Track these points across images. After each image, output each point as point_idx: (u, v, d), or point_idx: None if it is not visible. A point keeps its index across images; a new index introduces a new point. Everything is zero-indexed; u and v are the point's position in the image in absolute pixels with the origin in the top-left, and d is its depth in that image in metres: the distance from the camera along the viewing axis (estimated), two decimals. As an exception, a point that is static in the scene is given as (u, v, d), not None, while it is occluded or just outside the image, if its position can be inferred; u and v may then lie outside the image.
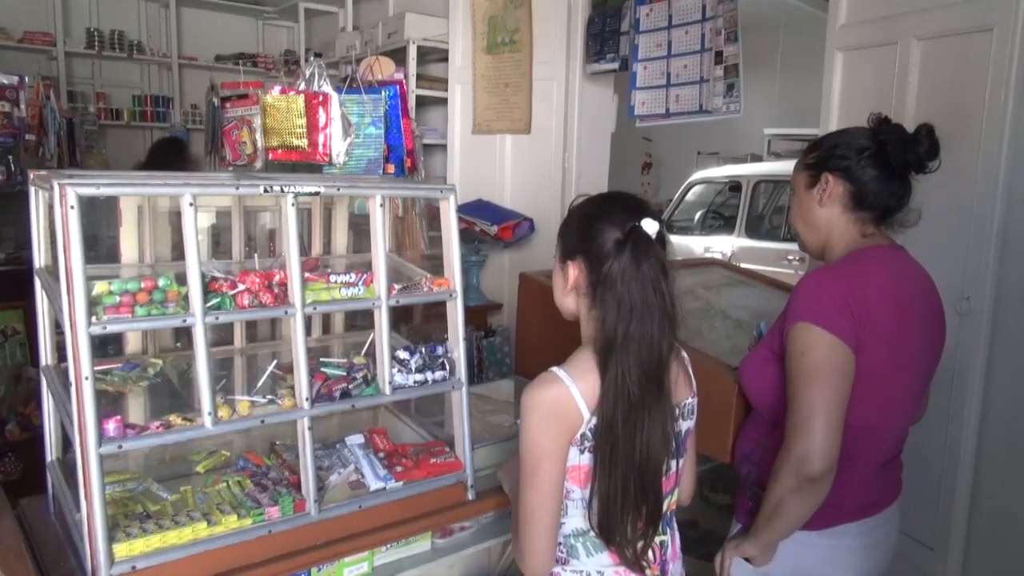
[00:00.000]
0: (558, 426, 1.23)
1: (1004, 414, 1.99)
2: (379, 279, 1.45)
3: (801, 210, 1.58)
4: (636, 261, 1.20)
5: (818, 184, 1.52)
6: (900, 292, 1.46)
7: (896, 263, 1.50)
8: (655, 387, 1.23)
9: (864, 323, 1.40)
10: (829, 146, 1.53)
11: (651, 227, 1.22)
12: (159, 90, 6.70)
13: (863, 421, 1.46)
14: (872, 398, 1.45)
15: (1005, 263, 1.96)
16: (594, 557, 1.32)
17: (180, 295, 1.26)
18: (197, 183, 1.30)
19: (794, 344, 1.42)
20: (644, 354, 1.21)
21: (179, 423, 1.28)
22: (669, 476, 1.35)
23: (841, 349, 1.39)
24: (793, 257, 5.48)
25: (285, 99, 3.05)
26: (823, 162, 1.53)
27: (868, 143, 1.49)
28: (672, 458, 1.33)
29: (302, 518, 1.37)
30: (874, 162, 1.48)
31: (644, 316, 1.21)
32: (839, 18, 2.42)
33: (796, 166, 1.60)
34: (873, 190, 1.49)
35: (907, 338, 1.46)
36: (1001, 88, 1.92)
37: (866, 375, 1.42)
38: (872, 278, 1.44)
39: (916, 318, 1.48)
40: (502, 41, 3.68)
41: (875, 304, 1.41)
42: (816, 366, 1.39)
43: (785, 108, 7.85)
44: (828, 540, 1.49)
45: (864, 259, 1.48)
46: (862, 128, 1.54)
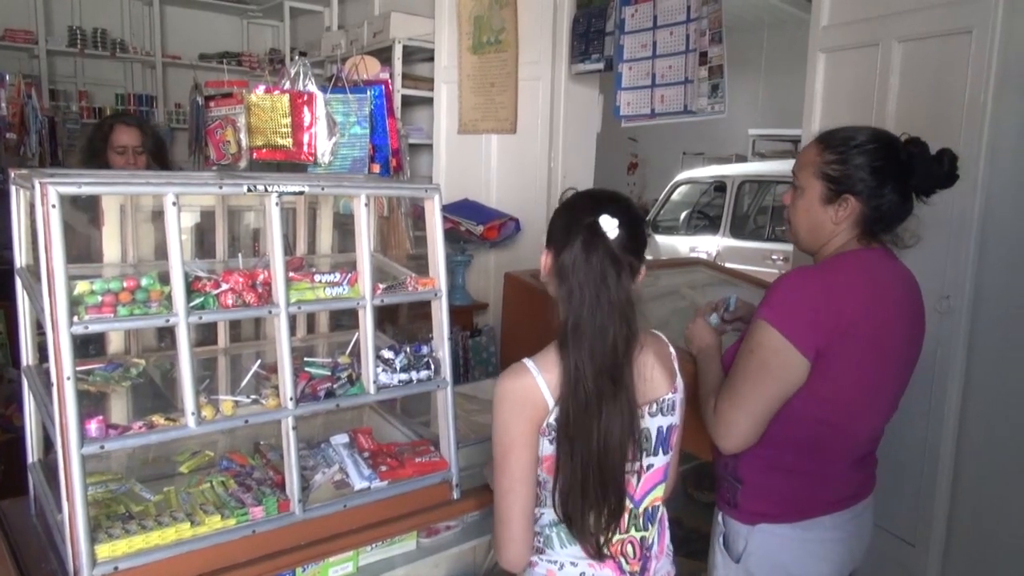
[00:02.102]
0: (526, 415, 1.27)
1: (983, 411, 2.02)
2: (364, 278, 1.45)
3: (809, 217, 1.54)
4: (586, 253, 1.23)
5: (837, 202, 1.48)
6: (881, 297, 1.47)
7: (881, 267, 1.50)
8: (610, 381, 1.24)
9: (838, 330, 1.41)
10: (857, 167, 1.46)
11: (608, 223, 1.24)
12: (142, 89, 6.65)
13: (838, 420, 1.48)
14: (847, 399, 1.47)
15: (984, 263, 1.98)
16: (567, 548, 1.34)
17: (163, 295, 1.26)
18: (180, 182, 1.30)
19: (750, 336, 1.47)
20: (597, 347, 1.23)
21: (162, 423, 1.27)
22: (651, 472, 1.36)
23: (790, 356, 1.41)
24: (777, 257, 5.52)
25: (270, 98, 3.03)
26: (848, 182, 1.47)
27: (893, 168, 1.45)
28: (650, 454, 1.35)
29: (286, 518, 1.37)
30: (895, 187, 1.45)
31: (595, 309, 1.23)
32: (821, 20, 2.44)
33: (810, 165, 1.52)
34: (888, 214, 1.48)
35: (886, 341, 1.48)
36: (980, 89, 1.94)
37: (842, 376, 1.44)
38: (853, 285, 1.45)
39: (896, 321, 1.50)
40: (488, 41, 3.69)
41: (853, 311, 1.42)
42: (761, 365, 1.43)
43: (769, 109, 7.90)
44: (802, 533, 1.51)
45: (849, 264, 1.48)
46: (885, 139, 1.48)
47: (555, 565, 1.35)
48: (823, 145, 1.52)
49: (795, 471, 1.50)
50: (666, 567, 1.45)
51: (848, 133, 1.51)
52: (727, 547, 1.59)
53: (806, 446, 1.49)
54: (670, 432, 1.39)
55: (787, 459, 1.50)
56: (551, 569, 1.35)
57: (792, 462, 1.49)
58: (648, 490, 1.37)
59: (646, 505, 1.37)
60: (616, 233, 1.24)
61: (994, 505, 2.01)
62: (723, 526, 1.61)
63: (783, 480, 1.51)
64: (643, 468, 1.35)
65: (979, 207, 1.96)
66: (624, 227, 1.25)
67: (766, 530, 1.53)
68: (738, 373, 1.47)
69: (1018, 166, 1.93)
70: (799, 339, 1.40)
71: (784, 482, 1.51)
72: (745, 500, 1.55)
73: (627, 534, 1.36)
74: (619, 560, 1.35)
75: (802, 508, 1.52)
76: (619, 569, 1.35)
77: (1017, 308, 1.94)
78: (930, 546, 2.11)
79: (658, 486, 1.39)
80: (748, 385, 1.45)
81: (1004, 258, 1.95)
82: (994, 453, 2.00)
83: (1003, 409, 1.98)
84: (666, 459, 1.38)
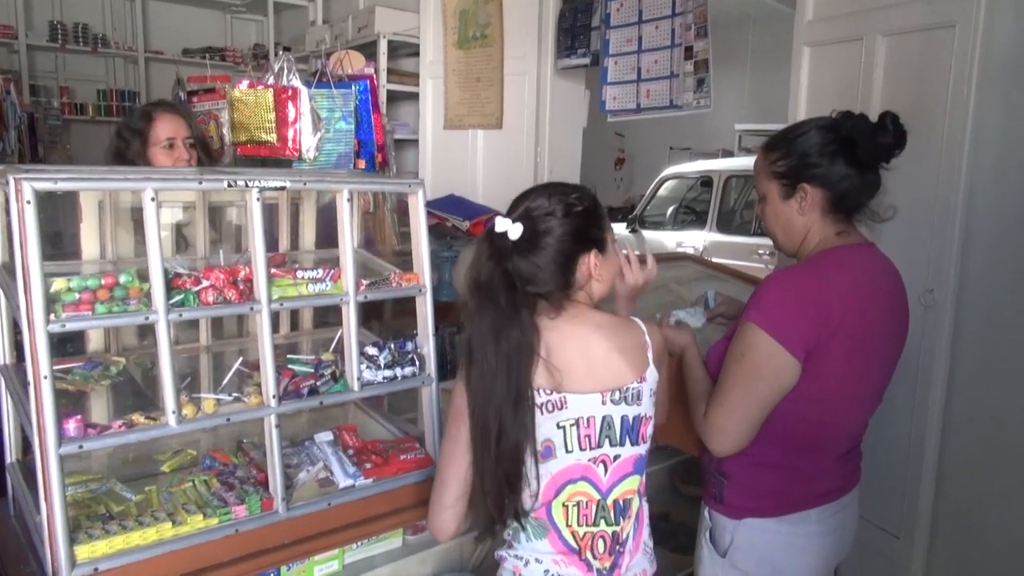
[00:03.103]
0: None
1: (967, 404, 2.03)
2: (347, 275, 1.44)
3: (778, 219, 1.56)
4: (480, 243, 1.29)
5: (795, 195, 1.50)
6: (866, 294, 1.48)
7: (864, 263, 1.51)
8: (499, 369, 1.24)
9: (827, 330, 1.41)
10: (801, 154, 1.49)
11: (500, 224, 1.27)
12: (125, 84, 6.60)
13: (823, 418, 1.49)
14: (834, 397, 1.48)
15: (968, 256, 1.99)
16: (532, 543, 1.34)
17: (142, 292, 1.24)
18: (159, 177, 1.28)
19: (739, 340, 1.46)
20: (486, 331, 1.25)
21: (142, 422, 1.26)
22: (618, 463, 1.34)
23: (782, 358, 1.41)
24: (764, 251, 5.54)
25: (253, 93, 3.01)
26: (797, 172, 1.49)
27: (836, 144, 1.47)
28: (616, 444, 1.33)
29: (270, 517, 1.36)
30: (846, 162, 1.46)
31: (483, 298, 1.26)
32: (806, 14, 2.44)
33: (762, 171, 1.56)
34: (851, 190, 1.48)
35: (872, 338, 1.48)
36: (963, 83, 1.95)
37: (828, 376, 1.44)
38: (838, 283, 1.45)
39: (882, 317, 1.50)
40: (473, 36, 3.67)
41: (840, 311, 1.42)
42: (753, 369, 1.43)
43: (755, 104, 7.92)
44: (787, 527, 1.52)
45: (833, 262, 1.48)
46: (822, 123, 1.51)
47: (521, 561, 1.34)
48: (766, 149, 1.56)
49: (780, 467, 1.51)
50: (642, 564, 1.41)
51: (785, 130, 1.56)
52: (713, 541, 1.59)
53: (791, 443, 1.49)
54: (639, 423, 1.35)
55: (773, 455, 1.50)
56: (517, 565, 1.34)
57: (777, 458, 1.50)
58: (616, 481, 1.34)
59: (615, 497, 1.35)
60: (519, 232, 1.26)
61: (978, 497, 2.02)
62: (709, 521, 1.61)
63: (769, 475, 1.51)
64: (609, 458, 1.33)
65: (962, 200, 1.97)
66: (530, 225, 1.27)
67: (752, 524, 1.53)
68: (729, 378, 1.46)
69: (1001, 159, 1.93)
70: (789, 341, 1.40)
71: (770, 477, 1.52)
72: (731, 495, 1.55)
73: (596, 527, 1.33)
74: (586, 556, 1.33)
75: (788, 502, 1.52)
76: (587, 566, 1.33)
77: (1000, 301, 1.95)
78: (915, 538, 2.12)
79: (628, 478, 1.36)
80: (740, 390, 1.44)
81: (987, 251, 1.96)
82: (978, 446, 2.02)
83: (987, 401, 1.99)
84: (637, 450, 1.36)
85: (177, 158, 2.23)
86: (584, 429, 1.31)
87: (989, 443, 1.99)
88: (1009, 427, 1.94)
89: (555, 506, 1.33)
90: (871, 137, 1.45)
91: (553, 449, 1.31)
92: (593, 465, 1.32)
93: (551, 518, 1.33)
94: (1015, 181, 1.91)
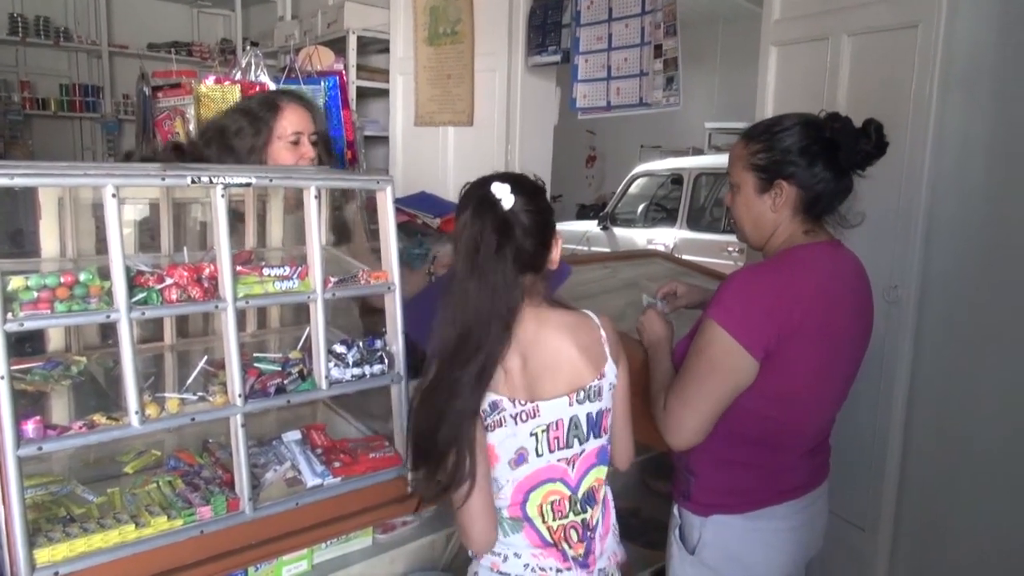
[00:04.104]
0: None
1: (930, 398, 2.07)
2: (314, 272, 1.42)
3: (749, 211, 1.55)
4: (473, 217, 1.28)
5: (771, 190, 1.50)
6: (832, 292, 1.48)
7: (830, 261, 1.51)
8: (472, 345, 1.26)
9: (789, 329, 1.42)
10: (783, 151, 1.48)
11: (499, 190, 1.27)
12: (88, 79, 6.47)
13: (790, 415, 1.50)
14: (800, 395, 1.49)
15: (931, 253, 2.03)
16: (510, 537, 1.36)
17: (103, 290, 1.22)
18: (120, 173, 1.25)
19: (699, 336, 1.47)
20: (460, 307, 1.26)
21: (104, 423, 1.23)
22: (583, 456, 1.37)
23: (740, 357, 1.42)
24: (733, 248, 5.59)
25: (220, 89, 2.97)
26: (777, 167, 1.48)
27: (819, 145, 1.46)
28: (583, 441, 1.36)
29: (236, 517, 1.34)
30: (825, 165, 1.46)
31: (468, 271, 1.26)
32: (773, 13, 2.47)
33: (740, 160, 1.54)
34: (825, 193, 1.49)
35: (837, 336, 1.49)
36: (926, 83, 1.98)
37: (794, 374, 1.45)
38: (803, 283, 1.46)
39: (847, 315, 1.52)
40: (444, 32, 3.66)
41: (802, 310, 1.43)
42: (710, 366, 1.44)
43: (725, 102, 8.00)
44: (754, 523, 1.53)
45: (798, 261, 1.49)
46: (807, 120, 1.50)
47: (499, 557, 1.36)
48: (747, 139, 1.54)
49: (748, 464, 1.52)
50: (612, 546, 1.46)
51: (769, 122, 1.55)
52: (682, 539, 1.60)
53: (757, 441, 1.50)
54: (601, 416, 1.39)
55: (739, 453, 1.51)
56: (495, 561, 1.37)
57: (744, 456, 1.51)
58: (584, 474, 1.38)
59: (584, 489, 1.38)
60: (511, 202, 1.26)
61: (941, 490, 2.06)
62: (679, 518, 1.62)
63: (736, 472, 1.52)
64: (577, 456, 1.36)
65: (925, 198, 2.00)
66: (521, 201, 1.27)
67: (720, 521, 1.54)
68: (688, 372, 1.48)
69: (963, 158, 1.97)
70: (747, 340, 1.41)
71: (737, 474, 1.53)
72: (698, 492, 1.56)
73: (568, 519, 1.37)
74: (562, 547, 1.36)
75: (755, 499, 1.53)
76: (563, 556, 1.36)
77: (962, 297, 1.99)
78: (879, 530, 2.16)
79: (594, 468, 1.40)
80: (696, 384, 1.46)
81: (949, 248, 2.00)
82: (940, 440, 2.06)
83: (949, 395, 2.03)
84: (599, 442, 1.39)
85: (302, 156, 1.98)
86: (554, 432, 1.34)
87: (951, 436, 2.03)
88: (971, 420, 1.98)
89: (530, 506, 1.35)
90: (854, 142, 1.45)
91: (527, 455, 1.34)
92: (564, 465, 1.35)
93: (526, 516, 1.36)
94: (976, 178, 1.95)
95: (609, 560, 1.44)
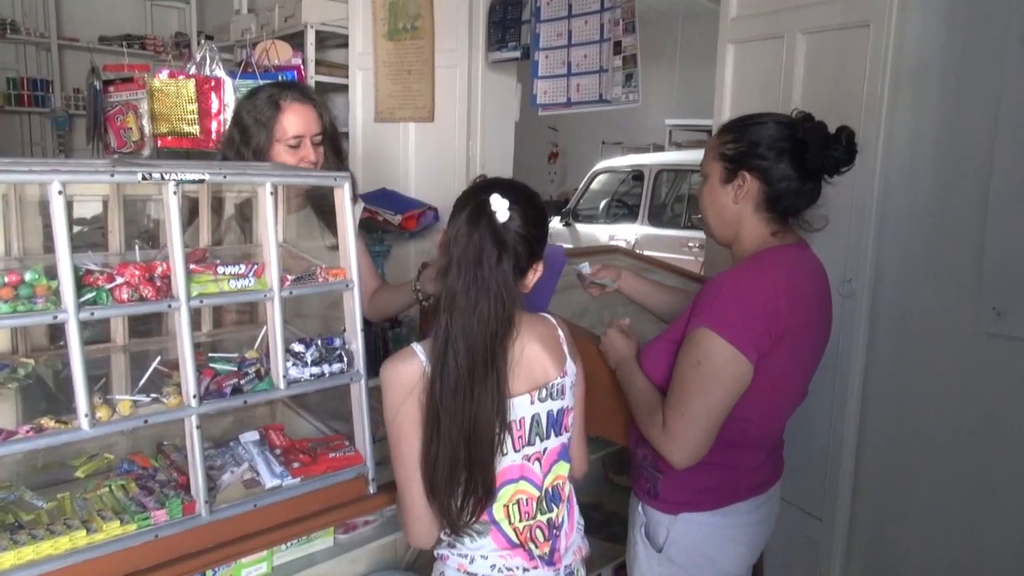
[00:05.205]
0: (410, 402, 1.29)
1: (884, 389, 2.11)
2: (271, 270, 1.40)
3: (714, 201, 1.56)
4: (469, 227, 1.24)
5: (735, 181, 1.51)
6: (802, 293, 1.50)
7: (800, 263, 1.53)
8: (481, 359, 1.25)
9: (778, 331, 1.43)
10: (751, 143, 1.49)
11: (498, 203, 1.24)
12: (37, 73, 6.28)
13: (763, 415, 1.52)
14: (773, 395, 1.50)
15: (882, 247, 2.07)
16: (477, 541, 1.35)
17: (50, 290, 1.18)
18: (67, 170, 1.21)
19: (694, 348, 1.43)
20: (469, 323, 1.24)
21: (52, 426, 1.20)
22: (547, 454, 1.38)
23: (740, 363, 1.41)
24: (694, 244, 5.66)
25: (174, 83, 2.91)
26: (743, 158, 1.49)
27: (788, 143, 1.47)
28: (544, 439, 1.36)
29: (192, 520, 1.31)
30: (792, 164, 1.47)
31: (470, 285, 1.24)
32: (730, 11, 2.49)
33: (711, 150, 1.56)
34: (787, 192, 1.49)
35: (806, 335, 1.51)
36: (878, 81, 2.02)
37: (770, 375, 1.46)
38: (784, 285, 1.46)
39: (814, 315, 1.54)
40: (403, 27, 3.63)
41: (787, 312, 1.44)
42: (711, 377, 1.41)
43: (685, 99, 8.09)
44: (721, 519, 1.55)
45: (775, 264, 1.49)
46: (781, 119, 1.52)
47: (466, 559, 1.36)
48: (721, 130, 1.57)
49: (716, 463, 1.51)
50: (576, 542, 1.46)
51: (745, 116, 1.57)
52: (649, 537, 1.60)
53: (727, 442, 1.50)
54: (562, 414, 1.39)
55: (712, 453, 1.49)
56: (462, 563, 1.37)
57: (713, 456, 1.50)
58: (547, 471, 1.39)
59: (547, 486, 1.39)
60: (507, 216, 1.24)
61: (895, 480, 2.11)
62: (644, 516, 1.62)
63: (704, 471, 1.51)
64: (540, 453, 1.36)
65: (877, 194, 2.05)
66: (518, 215, 1.25)
67: (688, 519, 1.55)
68: (688, 387, 1.44)
69: (912, 155, 2.02)
70: (745, 345, 1.40)
71: (705, 473, 1.52)
72: (666, 490, 1.56)
73: (535, 519, 1.37)
74: (529, 547, 1.37)
75: (723, 496, 1.55)
76: (529, 555, 1.36)
77: (913, 289, 2.04)
78: (835, 520, 2.20)
79: (556, 465, 1.40)
80: (701, 399, 1.42)
81: (900, 242, 2.05)
82: (894, 431, 2.10)
83: (903, 387, 2.08)
84: (560, 440, 1.39)
85: (301, 158, 1.88)
86: (517, 431, 1.33)
87: (905, 426, 2.08)
88: (923, 410, 2.03)
89: (496, 508, 1.35)
90: (824, 146, 1.45)
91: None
92: (528, 463, 1.35)
93: (493, 519, 1.36)
94: (925, 174, 2.00)
95: (574, 556, 1.45)
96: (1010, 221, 1.78)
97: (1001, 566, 1.87)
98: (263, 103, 1.87)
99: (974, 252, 1.86)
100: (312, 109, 1.90)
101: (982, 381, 1.88)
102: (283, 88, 1.95)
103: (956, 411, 1.95)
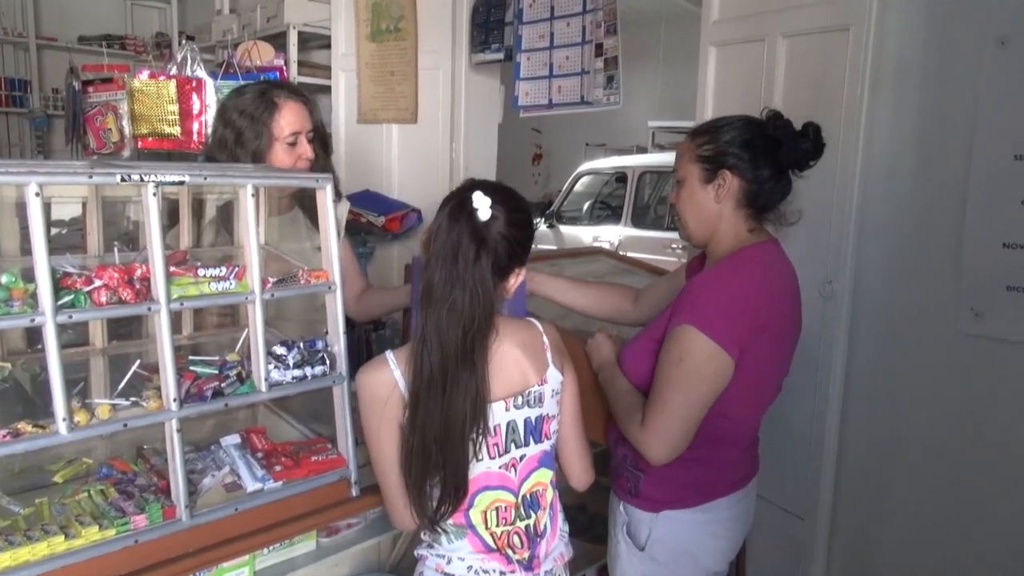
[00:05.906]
0: (381, 410, 1.30)
1: (865, 390, 2.13)
2: (252, 272, 1.39)
3: (693, 203, 1.57)
4: (449, 223, 1.25)
5: (715, 180, 1.53)
6: (779, 290, 1.53)
7: (775, 260, 1.56)
8: (457, 356, 1.25)
9: (758, 328, 1.45)
10: (727, 142, 1.52)
11: (480, 200, 1.25)
12: (15, 72, 6.21)
13: (743, 411, 1.54)
14: (753, 391, 1.52)
15: (862, 249, 2.09)
16: (454, 543, 1.35)
17: (27, 293, 1.17)
18: (44, 171, 1.20)
19: (675, 345, 1.45)
20: (445, 318, 1.24)
21: (29, 431, 1.18)
22: (524, 461, 1.38)
23: (721, 360, 1.42)
24: (677, 245, 5.68)
25: (155, 84, 2.89)
26: (721, 158, 1.52)
27: (762, 141, 1.51)
28: (520, 446, 1.36)
29: (172, 525, 1.30)
30: (767, 160, 1.51)
31: (447, 281, 1.24)
32: (712, 14, 2.51)
33: (686, 153, 1.58)
34: (767, 189, 1.52)
35: (783, 332, 1.54)
36: (857, 84, 2.04)
37: (750, 372, 1.47)
38: (765, 282, 1.49)
39: (789, 311, 1.56)
40: (387, 28, 3.62)
41: (767, 309, 1.46)
42: (692, 373, 1.43)
43: (668, 101, 8.12)
44: (702, 516, 1.56)
45: (755, 262, 1.51)
46: (752, 119, 1.55)
47: (443, 560, 1.37)
48: (694, 134, 1.59)
49: (696, 460, 1.52)
50: (559, 548, 1.45)
51: (715, 119, 1.61)
52: (631, 536, 1.61)
53: (706, 438, 1.51)
54: (541, 422, 1.38)
55: (692, 450, 1.51)
56: (440, 563, 1.37)
57: (693, 453, 1.51)
58: (525, 477, 1.38)
59: (525, 492, 1.38)
60: (488, 214, 1.24)
61: (876, 479, 2.13)
62: (625, 515, 1.62)
63: (685, 468, 1.52)
64: (517, 460, 1.36)
65: (857, 196, 2.06)
66: (502, 216, 1.26)
67: (670, 516, 1.56)
68: (669, 384, 1.45)
69: (892, 158, 2.04)
70: (727, 341, 1.41)
71: (686, 470, 1.53)
72: (648, 488, 1.57)
73: (513, 525, 1.38)
74: (506, 552, 1.37)
75: (703, 493, 1.56)
76: (506, 559, 1.36)
77: (893, 290, 2.06)
78: (817, 519, 2.21)
79: (535, 472, 1.40)
80: (681, 395, 1.43)
81: (880, 244, 2.07)
82: (875, 431, 2.12)
83: (883, 387, 2.10)
84: (541, 447, 1.39)
85: (299, 156, 1.85)
86: (492, 438, 1.33)
87: (885, 426, 2.10)
88: (903, 411, 2.05)
89: (474, 512, 1.35)
90: (795, 141, 1.50)
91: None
92: (505, 471, 1.35)
93: (470, 523, 1.36)
94: (904, 176, 2.02)
95: (555, 562, 1.44)
96: (988, 222, 1.80)
97: (982, 564, 1.89)
98: (256, 102, 1.83)
99: (953, 253, 1.88)
100: (303, 105, 1.88)
101: (961, 381, 1.90)
102: (273, 86, 1.92)
103: (936, 411, 1.97)
